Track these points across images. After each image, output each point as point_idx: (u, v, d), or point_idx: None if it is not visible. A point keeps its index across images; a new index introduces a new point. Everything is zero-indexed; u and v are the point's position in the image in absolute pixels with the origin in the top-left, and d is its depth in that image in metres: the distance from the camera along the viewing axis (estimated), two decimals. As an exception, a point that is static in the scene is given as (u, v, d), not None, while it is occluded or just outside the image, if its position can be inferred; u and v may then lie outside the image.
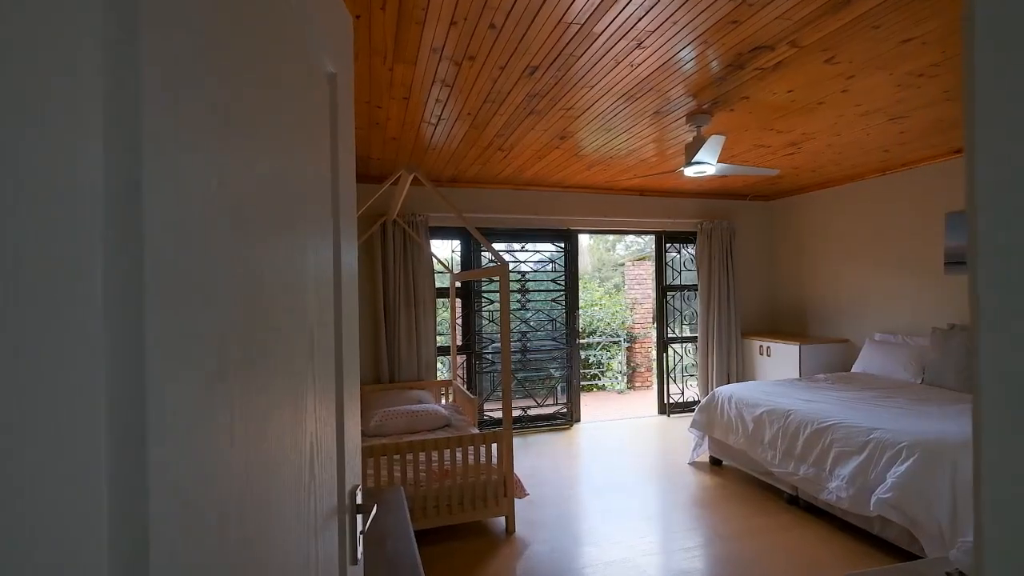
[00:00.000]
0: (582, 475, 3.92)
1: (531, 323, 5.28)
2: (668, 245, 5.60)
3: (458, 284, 4.92)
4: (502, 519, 3.01)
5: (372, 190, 4.44)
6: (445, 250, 5.02)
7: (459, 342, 4.95)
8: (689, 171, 3.20)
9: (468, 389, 4.96)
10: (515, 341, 5.20)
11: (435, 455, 2.88)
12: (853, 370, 4.40)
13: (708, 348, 5.41)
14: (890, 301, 4.50)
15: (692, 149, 3.09)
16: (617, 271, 13.63)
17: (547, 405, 5.24)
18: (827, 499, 2.91)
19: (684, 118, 3.11)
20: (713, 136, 2.57)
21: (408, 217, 4.50)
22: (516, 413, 5.12)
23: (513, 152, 3.81)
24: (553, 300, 5.28)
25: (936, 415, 2.95)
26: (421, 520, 2.71)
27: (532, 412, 5.18)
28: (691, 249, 5.65)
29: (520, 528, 3.01)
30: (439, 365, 5.62)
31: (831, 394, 3.59)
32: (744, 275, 5.68)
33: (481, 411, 5.00)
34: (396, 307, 4.48)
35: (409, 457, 2.86)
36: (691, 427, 4.05)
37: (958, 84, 2.64)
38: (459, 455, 2.88)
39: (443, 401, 4.60)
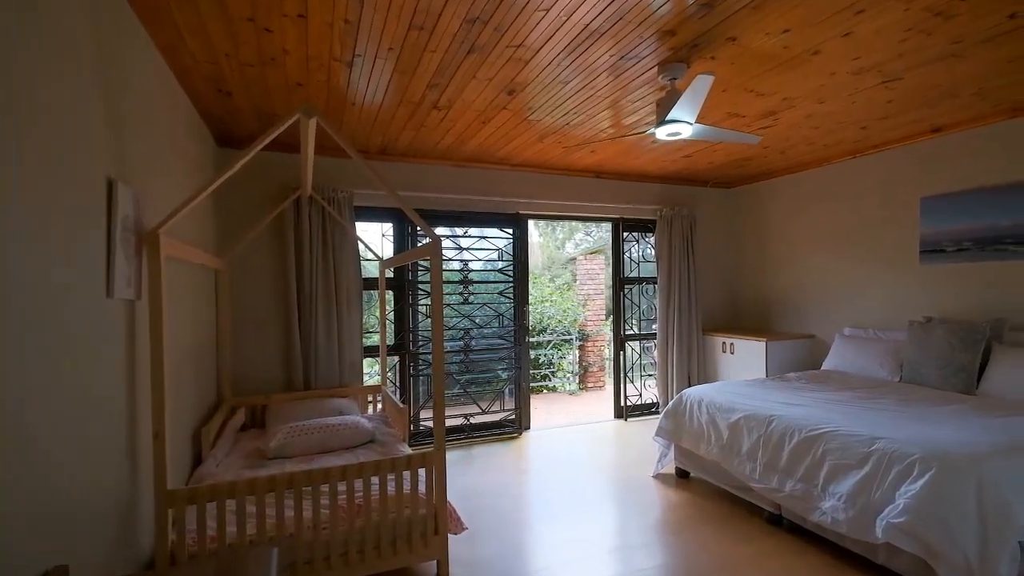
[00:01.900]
0: (532, 496, 3.35)
1: (476, 319, 4.68)
2: (626, 234, 5.14)
3: (390, 273, 4.25)
4: (433, 564, 2.38)
5: (277, 160, 3.73)
6: (375, 234, 4.33)
7: (391, 341, 4.28)
8: (661, 132, 2.68)
9: (402, 395, 4.29)
10: (457, 340, 4.58)
11: (343, 486, 2.22)
12: (824, 368, 4.05)
13: (668, 345, 4.98)
14: (860, 294, 4.19)
15: (666, 105, 2.57)
16: (567, 268, 13.24)
17: (493, 412, 4.64)
18: (819, 520, 2.46)
19: (656, 68, 2.59)
20: (699, 77, 2.06)
21: (327, 193, 3.79)
22: (457, 422, 4.49)
23: (453, 112, 3.19)
24: (500, 293, 4.70)
25: (940, 420, 2.56)
26: None
27: (476, 420, 4.57)
28: (651, 239, 5.21)
29: (456, 572, 2.39)
30: (367, 368, 4.92)
31: (812, 395, 3.18)
32: (705, 267, 5.30)
33: (417, 420, 4.35)
34: (313, 299, 3.75)
35: (307, 491, 2.19)
36: (656, 435, 3.56)
37: (974, 31, 2.25)
38: (378, 484, 2.24)
39: (371, 411, 3.91)
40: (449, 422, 4.48)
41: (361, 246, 3.96)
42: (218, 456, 2.76)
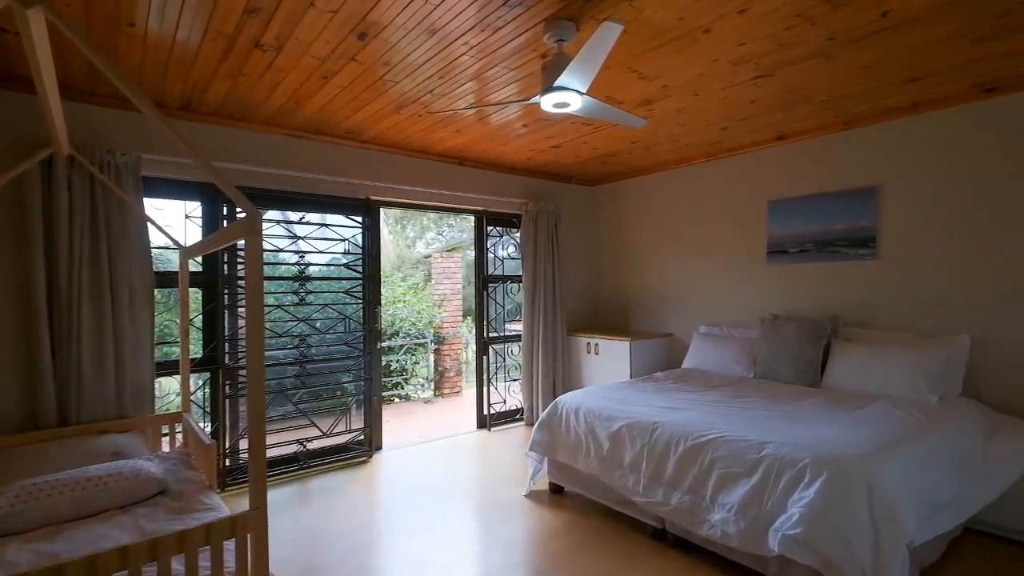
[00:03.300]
0: (386, 535, 2.75)
1: (316, 323, 3.90)
2: (491, 229, 4.75)
3: (197, 265, 3.30)
4: (248, 672, 1.68)
5: (9, 102, 2.62)
6: (175, 215, 3.34)
7: (198, 353, 3.33)
8: (548, 103, 2.30)
9: (214, 423, 3.36)
10: (291, 348, 3.76)
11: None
12: (685, 366, 4.09)
13: (533, 347, 4.71)
14: (714, 292, 4.33)
15: (554, 69, 2.19)
16: (419, 268, 12.61)
17: (337, 433, 3.91)
18: (708, 534, 2.28)
19: (542, 25, 2.20)
20: (605, 25, 1.69)
21: (99, 155, 2.77)
22: (290, 450, 3.68)
23: (284, 57, 2.47)
24: (347, 292, 3.98)
25: (813, 418, 2.56)
26: None
27: (316, 445, 3.79)
28: (516, 235, 4.90)
29: (284, 676, 1.73)
30: (164, 390, 3.84)
31: (688, 397, 3.07)
32: (569, 266, 5.15)
33: (236, 453, 3.44)
34: (74, 300, 2.70)
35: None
36: (530, 450, 3.20)
37: (848, 28, 2.23)
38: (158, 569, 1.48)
39: (164, 448, 2.95)
40: (280, 451, 3.65)
41: (153, 230, 2.98)
42: None
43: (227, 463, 3.37)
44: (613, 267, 5.23)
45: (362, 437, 4.00)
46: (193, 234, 3.32)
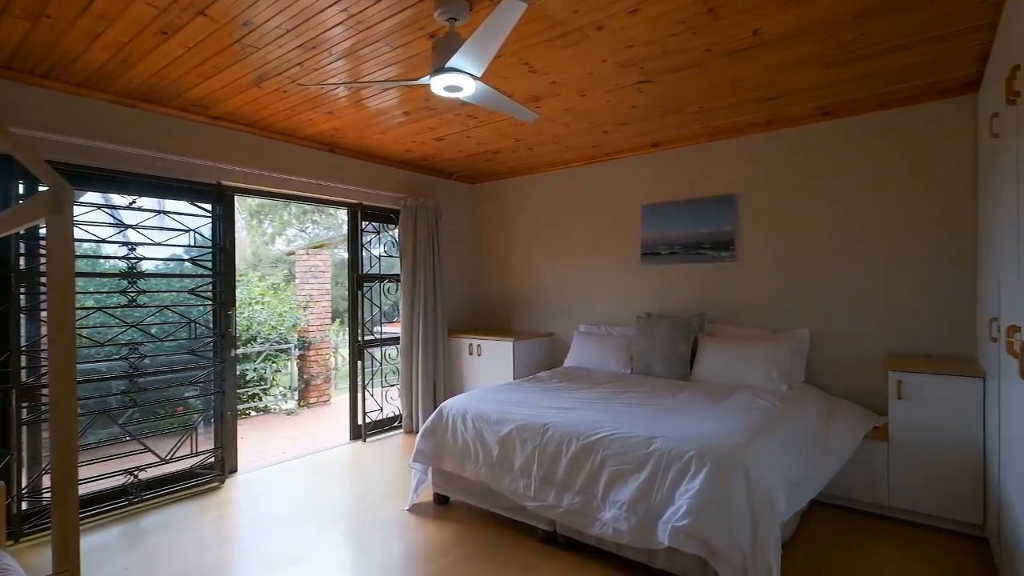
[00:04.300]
0: (247, 576, 2.36)
1: (150, 329, 3.27)
2: (366, 224, 4.41)
3: (-21, 258, 2.57)
4: None
5: None
6: (-55, 191, 2.56)
7: (-18, 370, 2.59)
8: (438, 85, 2.12)
9: (4, 456, 2.64)
10: (117, 359, 3.10)
11: None
12: (567, 364, 4.13)
13: (412, 350, 4.46)
14: (593, 292, 4.45)
15: (445, 49, 2.02)
16: (279, 267, 11.52)
17: (180, 458, 3.31)
18: (600, 533, 2.27)
19: (431, 1, 2.02)
20: (508, 3, 1.55)
21: None
22: (117, 482, 3.03)
23: (106, -3, 1.99)
24: (192, 292, 3.40)
25: (692, 410, 2.68)
26: None
27: (152, 473, 3.17)
28: (393, 231, 4.61)
29: None
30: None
31: (575, 396, 3.07)
32: (450, 264, 4.98)
33: (37, 494, 2.74)
34: None
35: None
36: (414, 461, 2.97)
37: (724, 40, 2.36)
38: None
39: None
40: (101, 485, 3.00)
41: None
42: None
43: (24, 506, 2.67)
44: (495, 267, 5.18)
45: (212, 460, 3.44)
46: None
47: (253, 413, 5.88)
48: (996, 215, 2.20)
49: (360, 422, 4.32)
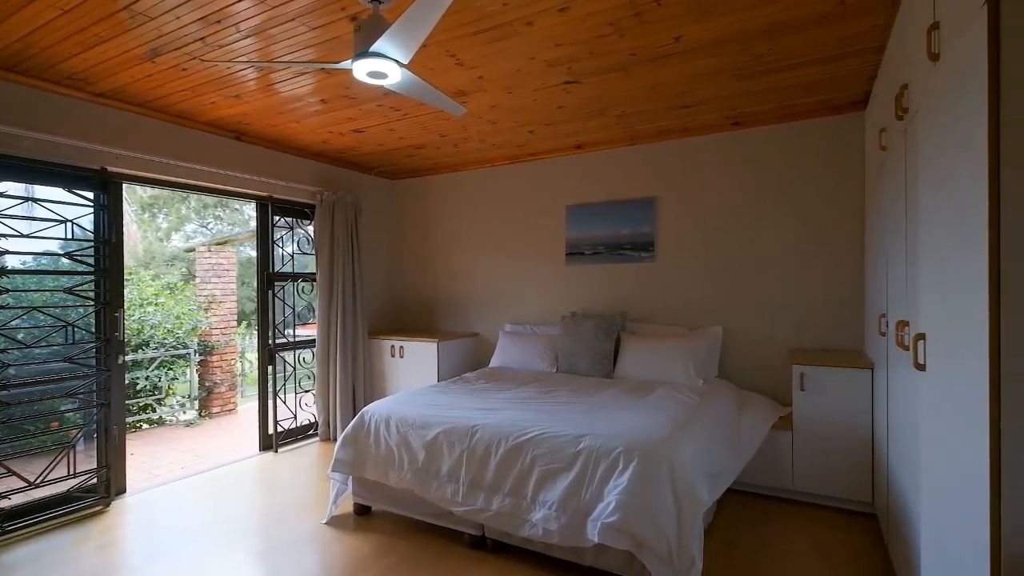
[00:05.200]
0: (138, 611, 2.08)
1: (16, 334, 2.82)
2: (278, 219, 4.11)
3: None
4: None
5: None
6: None
7: None
8: (361, 71, 1.99)
9: None
10: (-28, 370, 2.64)
11: None
12: (492, 365, 4.09)
13: (329, 353, 4.22)
14: (518, 291, 4.44)
15: (369, 32, 1.90)
16: (175, 265, 10.54)
17: (55, 480, 2.89)
18: (530, 534, 2.24)
19: (356, -22, 1.90)
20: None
21: None
22: (-28, 513, 2.58)
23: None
24: (70, 291, 2.98)
25: (618, 407, 2.72)
26: None
27: (18, 500, 2.74)
28: (309, 227, 4.33)
29: None
30: None
31: (503, 397, 3.03)
32: (370, 263, 4.77)
33: None
34: None
35: None
36: (332, 471, 2.79)
37: (648, 45, 2.42)
38: None
39: None
40: (-50, 519, 2.54)
41: None
42: None
43: None
44: (418, 266, 5.03)
45: (94, 480, 3.04)
46: None
47: (146, 426, 5.30)
48: (884, 220, 2.43)
49: (271, 431, 4.01)
